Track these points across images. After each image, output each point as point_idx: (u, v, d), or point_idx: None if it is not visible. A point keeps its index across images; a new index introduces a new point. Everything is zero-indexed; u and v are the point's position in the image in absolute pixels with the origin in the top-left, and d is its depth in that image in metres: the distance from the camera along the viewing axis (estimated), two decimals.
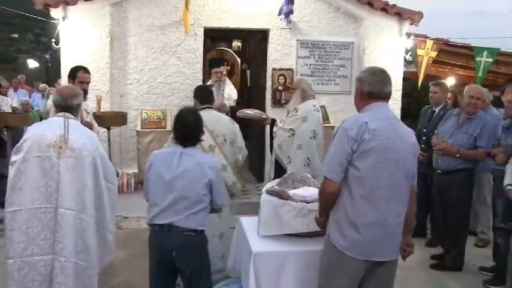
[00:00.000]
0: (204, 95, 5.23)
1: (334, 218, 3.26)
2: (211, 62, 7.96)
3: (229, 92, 7.47)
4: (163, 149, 4.36)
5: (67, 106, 3.99)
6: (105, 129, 7.21)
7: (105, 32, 7.95)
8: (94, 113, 6.21)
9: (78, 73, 5.44)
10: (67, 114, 3.96)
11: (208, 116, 4.72)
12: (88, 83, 5.59)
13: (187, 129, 3.77)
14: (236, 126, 5.24)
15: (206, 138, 4.62)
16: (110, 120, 7.22)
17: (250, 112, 6.36)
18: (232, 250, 4.27)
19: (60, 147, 3.79)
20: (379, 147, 3.09)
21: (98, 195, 3.99)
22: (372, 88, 3.24)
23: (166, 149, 4.21)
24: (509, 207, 5.12)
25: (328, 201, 3.25)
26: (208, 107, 5.09)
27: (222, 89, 7.21)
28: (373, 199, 3.11)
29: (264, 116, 6.21)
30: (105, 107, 7.63)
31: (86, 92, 5.37)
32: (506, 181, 5.05)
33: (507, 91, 5.81)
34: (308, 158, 5.60)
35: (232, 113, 7.19)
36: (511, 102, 5.55)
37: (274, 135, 5.85)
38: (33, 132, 3.89)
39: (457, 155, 5.59)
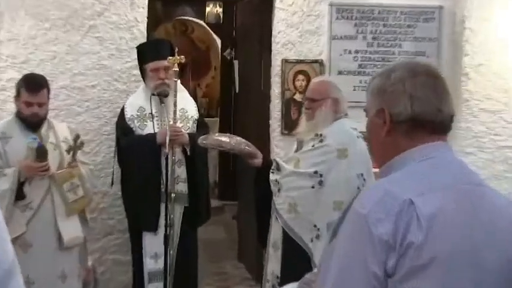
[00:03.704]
0: None
1: None
2: (140, 52, 4.56)
3: (184, 107, 4.49)
4: None
5: None
6: None
7: None
8: None
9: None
10: None
11: None
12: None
13: None
14: None
15: None
16: None
17: (226, 140, 4.17)
18: None
19: None
20: (447, 254, 1.40)
21: None
22: (418, 108, 1.48)
23: None
24: None
25: None
26: None
27: (175, 99, 4.16)
28: None
29: (250, 149, 3.98)
30: None
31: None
32: None
33: None
34: None
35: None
36: None
37: (274, 187, 3.80)
38: None
39: None
